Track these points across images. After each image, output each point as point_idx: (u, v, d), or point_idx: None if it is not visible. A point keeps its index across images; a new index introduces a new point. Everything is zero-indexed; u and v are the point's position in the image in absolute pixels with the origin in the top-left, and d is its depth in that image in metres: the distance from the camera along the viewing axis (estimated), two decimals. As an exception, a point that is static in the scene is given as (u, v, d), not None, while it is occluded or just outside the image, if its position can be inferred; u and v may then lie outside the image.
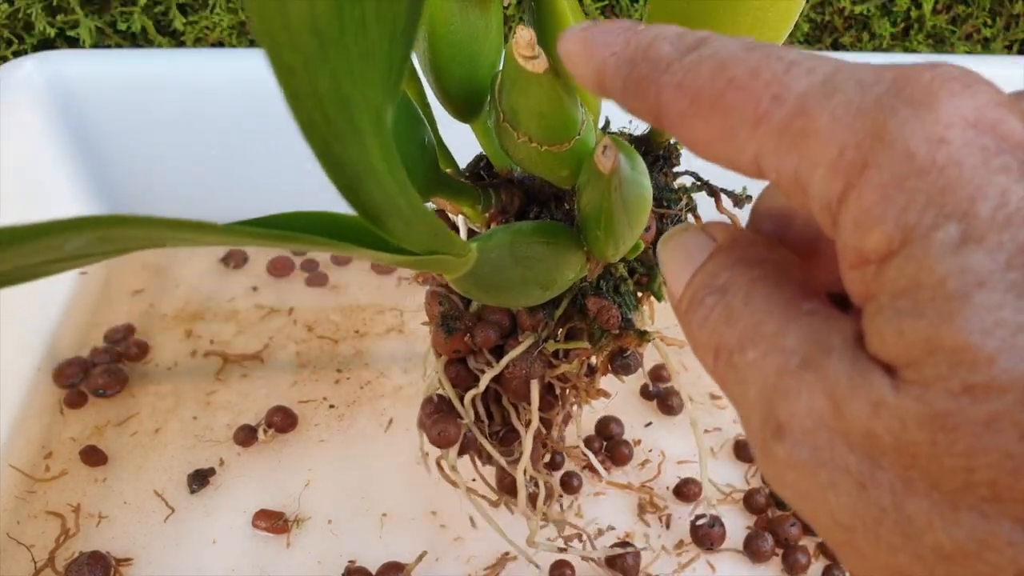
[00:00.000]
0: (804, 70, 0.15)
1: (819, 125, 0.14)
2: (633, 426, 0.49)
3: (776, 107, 0.15)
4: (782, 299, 0.16)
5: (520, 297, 0.28)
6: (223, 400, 0.49)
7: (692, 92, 0.16)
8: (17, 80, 0.54)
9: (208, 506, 0.44)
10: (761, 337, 0.16)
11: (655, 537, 0.43)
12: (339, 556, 0.42)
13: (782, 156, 0.15)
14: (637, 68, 0.17)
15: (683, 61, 0.16)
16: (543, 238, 0.26)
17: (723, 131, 0.16)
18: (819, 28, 0.70)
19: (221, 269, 0.58)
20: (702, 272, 0.18)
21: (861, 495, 0.14)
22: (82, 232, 0.12)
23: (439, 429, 0.32)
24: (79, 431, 0.47)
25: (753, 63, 0.15)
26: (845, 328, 0.15)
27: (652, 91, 0.17)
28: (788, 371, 0.15)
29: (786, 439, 0.15)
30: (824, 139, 0.14)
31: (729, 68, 0.16)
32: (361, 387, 0.50)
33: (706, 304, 0.17)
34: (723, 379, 0.17)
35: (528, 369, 0.31)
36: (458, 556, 0.42)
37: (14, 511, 0.43)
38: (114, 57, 0.58)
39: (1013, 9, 0.69)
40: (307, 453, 0.47)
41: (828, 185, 0.14)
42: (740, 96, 0.15)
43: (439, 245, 0.21)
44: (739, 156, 0.16)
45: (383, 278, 0.58)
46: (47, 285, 0.54)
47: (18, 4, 0.62)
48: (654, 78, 0.17)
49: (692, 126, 0.16)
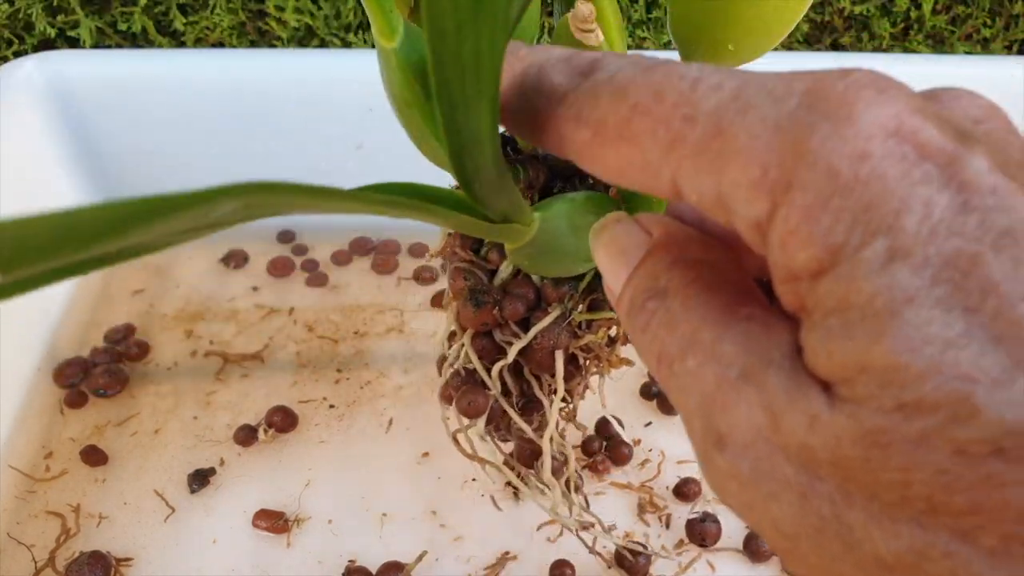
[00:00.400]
0: (710, 86, 0.14)
1: (738, 145, 0.14)
2: (633, 426, 0.49)
3: (689, 128, 0.14)
4: (719, 304, 0.16)
5: (568, 266, 0.28)
6: (223, 400, 0.49)
7: (593, 123, 0.16)
8: (17, 80, 0.54)
9: (208, 506, 0.44)
10: (699, 345, 0.16)
11: (655, 537, 0.43)
12: (339, 556, 0.42)
13: (702, 178, 0.14)
14: (530, 101, 0.17)
15: (578, 91, 0.16)
16: (593, 208, 0.27)
17: (634, 159, 0.15)
18: (819, 28, 0.70)
19: (221, 269, 0.58)
20: (640, 273, 0.18)
21: (802, 505, 0.14)
22: (231, 199, 0.12)
23: (468, 399, 0.33)
24: (79, 431, 0.47)
25: (655, 84, 0.15)
26: (782, 340, 0.15)
27: (551, 125, 0.16)
28: (727, 382, 0.15)
29: (727, 450, 0.15)
30: (744, 159, 0.14)
31: (630, 93, 0.15)
32: (361, 387, 0.50)
33: (647, 309, 0.17)
34: (666, 386, 0.17)
35: (555, 340, 0.31)
36: (458, 556, 0.42)
37: (14, 511, 0.43)
38: (114, 57, 0.58)
39: (1013, 9, 0.69)
40: (307, 453, 0.47)
41: (753, 206, 0.14)
42: (647, 122, 0.15)
43: (514, 213, 0.22)
44: (655, 182, 0.15)
45: (383, 278, 0.58)
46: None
47: (18, 4, 0.62)
48: (549, 111, 0.16)
49: (598, 156, 0.16)
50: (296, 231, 0.61)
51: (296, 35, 0.66)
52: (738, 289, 0.16)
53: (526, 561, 0.42)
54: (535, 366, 0.33)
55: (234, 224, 0.16)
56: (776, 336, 0.15)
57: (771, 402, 0.14)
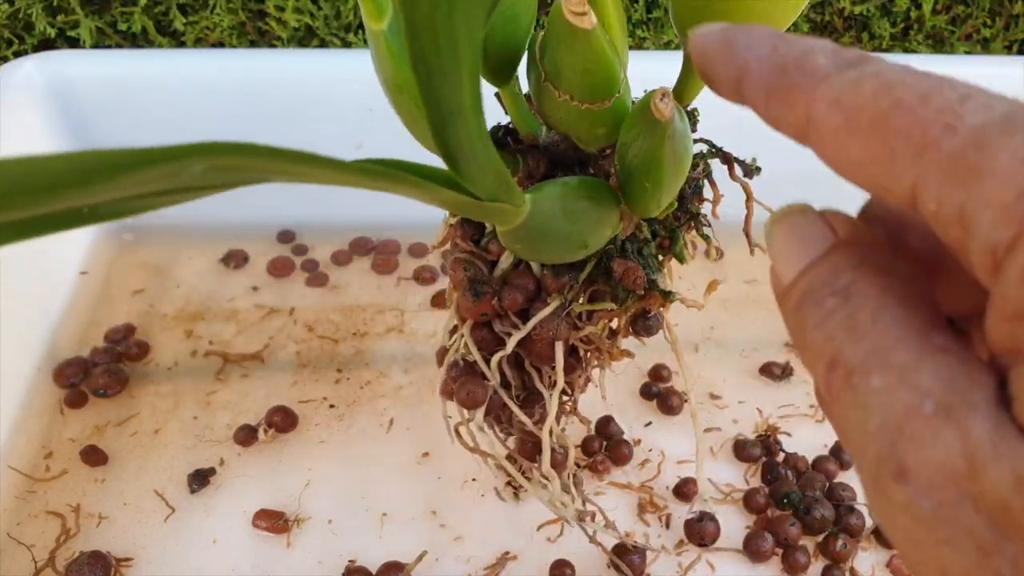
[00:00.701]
0: (980, 104, 0.14)
1: (997, 164, 0.13)
2: (633, 426, 0.49)
3: (947, 136, 0.14)
4: (915, 325, 0.15)
5: (562, 252, 0.28)
6: (223, 400, 0.49)
7: (850, 109, 0.15)
8: (17, 80, 0.54)
9: (208, 506, 0.44)
10: (890, 366, 0.15)
11: (655, 537, 0.43)
12: (339, 556, 0.42)
13: (947, 188, 0.14)
14: (787, 76, 0.16)
15: (842, 75, 0.16)
16: (587, 193, 0.27)
17: (881, 154, 0.15)
18: (819, 28, 0.71)
19: (221, 269, 0.58)
20: (822, 265, 0.17)
21: (980, 560, 0.13)
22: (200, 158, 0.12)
23: (467, 390, 0.32)
24: (79, 431, 0.47)
25: (924, 87, 0.15)
26: (985, 382, 0.14)
27: (802, 102, 0.16)
28: (921, 415, 0.14)
29: (908, 484, 0.14)
30: (1001, 180, 0.13)
31: (896, 89, 0.15)
32: (361, 387, 0.50)
33: (826, 305, 0.16)
34: (836, 395, 0.16)
35: (554, 331, 0.31)
36: (458, 556, 0.42)
37: (14, 511, 0.43)
38: (114, 57, 0.58)
39: (1013, 9, 0.69)
40: (307, 453, 0.47)
41: (997, 230, 0.13)
42: (906, 120, 0.14)
43: (502, 193, 0.22)
44: (894, 182, 0.15)
45: (383, 278, 0.58)
46: (47, 285, 0.54)
47: (18, 4, 0.62)
48: (806, 88, 0.16)
49: (845, 145, 0.15)
50: (296, 231, 0.61)
51: (296, 35, 0.66)
52: (931, 313, 0.16)
53: (526, 561, 0.42)
54: (535, 358, 0.33)
55: (209, 190, 0.15)
56: (978, 377, 0.14)
57: (974, 450, 0.13)
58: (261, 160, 0.14)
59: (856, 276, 0.16)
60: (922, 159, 0.14)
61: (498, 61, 0.27)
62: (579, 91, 0.25)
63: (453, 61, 0.15)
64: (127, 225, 0.61)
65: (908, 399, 0.14)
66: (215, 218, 0.60)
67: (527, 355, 0.33)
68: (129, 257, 0.59)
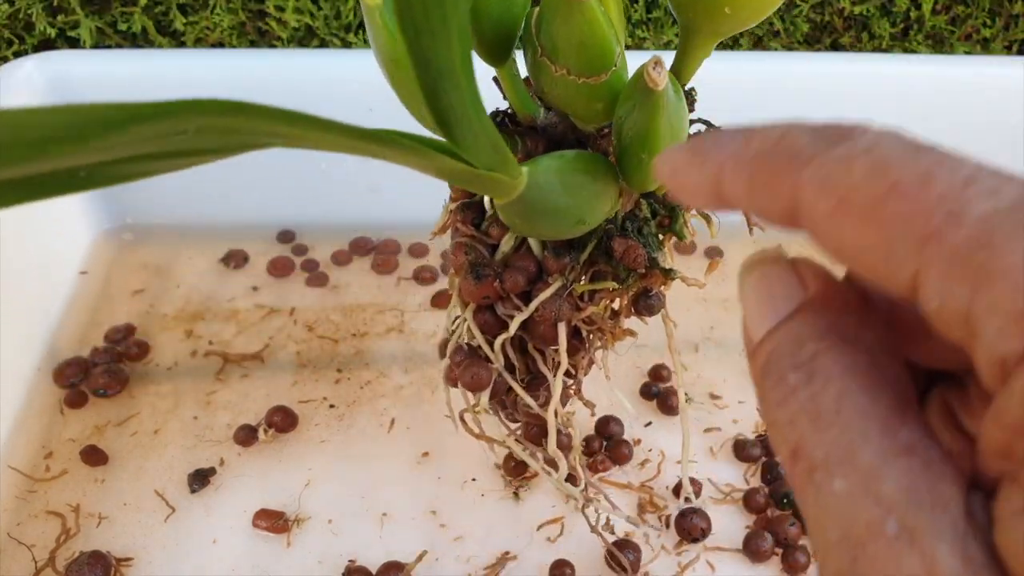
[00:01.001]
0: (987, 188, 0.13)
1: (1006, 264, 0.12)
2: (633, 426, 0.49)
3: (951, 228, 0.13)
4: (879, 417, 0.14)
5: (561, 227, 0.28)
6: (223, 400, 0.49)
7: (841, 192, 0.14)
8: (17, 80, 0.54)
9: (208, 506, 0.44)
10: (853, 468, 0.14)
11: (655, 537, 0.43)
12: (339, 556, 0.42)
13: (952, 287, 0.13)
14: (769, 163, 0.15)
15: (829, 154, 0.14)
16: (585, 166, 0.27)
17: (878, 242, 0.13)
18: (819, 28, 0.71)
19: (221, 269, 0.58)
20: (785, 331, 0.16)
21: None
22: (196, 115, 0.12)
23: (471, 373, 0.33)
24: (79, 431, 0.47)
25: (923, 168, 0.13)
26: (951, 495, 0.13)
27: (787, 187, 0.15)
28: (883, 536, 0.13)
29: None
30: (1011, 284, 0.12)
31: (892, 169, 0.13)
32: (361, 387, 0.50)
33: (788, 382, 0.15)
34: (799, 488, 0.15)
35: (557, 312, 0.31)
36: (458, 556, 0.42)
37: (14, 511, 0.43)
38: (114, 57, 0.58)
39: (1012, 9, 0.69)
40: (307, 453, 0.47)
41: (1006, 340, 0.12)
42: (905, 206, 0.13)
43: (498, 163, 0.21)
44: (893, 273, 0.14)
45: (383, 278, 0.58)
46: (47, 285, 0.54)
47: (19, 4, 0.62)
48: (791, 172, 0.15)
49: (838, 231, 0.14)
50: (296, 231, 0.61)
51: (296, 35, 0.66)
52: (897, 395, 0.15)
53: (526, 561, 0.42)
54: (538, 339, 0.33)
55: (205, 155, 0.15)
56: (943, 487, 0.13)
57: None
58: (257, 121, 0.13)
59: (820, 349, 0.15)
60: (924, 252, 0.13)
61: (494, 40, 0.27)
62: (576, 64, 0.25)
63: (441, 19, 0.15)
64: (127, 225, 0.61)
65: (870, 515, 0.13)
66: (215, 218, 0.60)
67: (530, 337, 0.33)
68: (129, 257, 0.59)
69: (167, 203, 0.62)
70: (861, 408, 0.14)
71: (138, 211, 0.61)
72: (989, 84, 0.59)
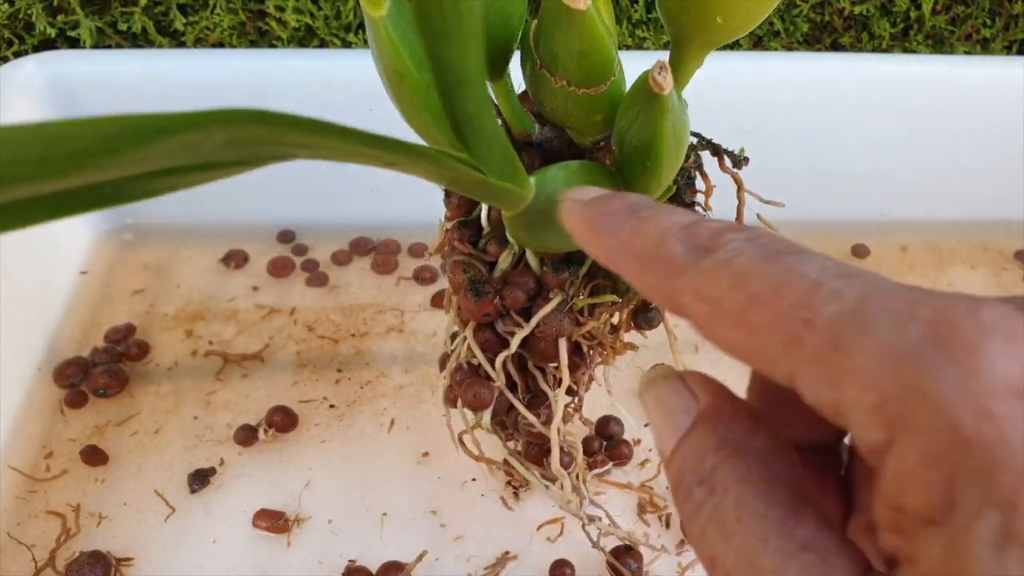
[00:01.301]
0: (831, 291, 0.14)
1: (856, 365, 0.13)
2: (633, 426, 0.49)
3: (807, 333, 0.14)
4: (775, 520, 0.15)
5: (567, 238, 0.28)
6: (223, 400, 0.49)
7: (712, 301, 0.15)
8: (17, 80, 0.54)
9: (208, 506, 0.44)
10: (758, 573, 0.15)
11: (655, 537, 0.43)
12: (339, 556, 0.42)
13: (820, 387, 0.14)
14: (649, 270, 0.17)
15: (698, 266, 0.16)
16: (589, 177, 0.27)
17: (752, 345, 0.15)
18: (819, 28, 0.71)
19: (221, 269, 0.58)
20: (686, 449, 0.17)
21: None
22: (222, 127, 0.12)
23: (473, 392, 0.32)
24: (79, 431, 0.47)
25: (774, 278, 0.15)
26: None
27: (668, 292, 0.16)
28: None
29: None
30: (863, 383, 0.13)
31: (750, 282, 0.15)
32: (361, 387, 0.51)
33: (695, 497, 0.16)
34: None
35: (558, 327, 0.31)
36: (458, 556, 0.42)
37: (14, 511, 0.43)
38: (114, 57, 0.58)
39: (1012, 9, 0.69)
40: (307, 453, 0.47)
41: (870, 433, 0.13)
42: (765, 315, 0.15)
43: (508, 173, 0.22)
44: (772, 371, 0.15)
45: (383, 278, 0.58)
46: (47, 285, 0.54)
47: (18, 4, 0.62)
48: (670, 277, 0.16)
49: (717, 332, 0.16)
50: (296, 231, 0.61)
51: (296, 35, 0.66)
52: (790, 493, 0.16)
53: (526, 561, 0.42)
54: (539, 357, 0.33)
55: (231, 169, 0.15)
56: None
57: None
58: (281, 130, 0.13)
59: (717, 461, 0.16)
60: (790, 356, 0.14)
61: (490, 55, 0.27)
62: (576, 75, 0.25)
63: (458, 23, 0.15)
64: (127, 225, 0.61)
65: None
66: (215, 218, 0.60)
67: (530, 355, 0.33)
68: (129, 257, 0.59)
69: (167, 203, 0.61)
70: (759, 513, 0.15)
71: (138, 211, 0.61)
72: (989, 84, 0.59)
